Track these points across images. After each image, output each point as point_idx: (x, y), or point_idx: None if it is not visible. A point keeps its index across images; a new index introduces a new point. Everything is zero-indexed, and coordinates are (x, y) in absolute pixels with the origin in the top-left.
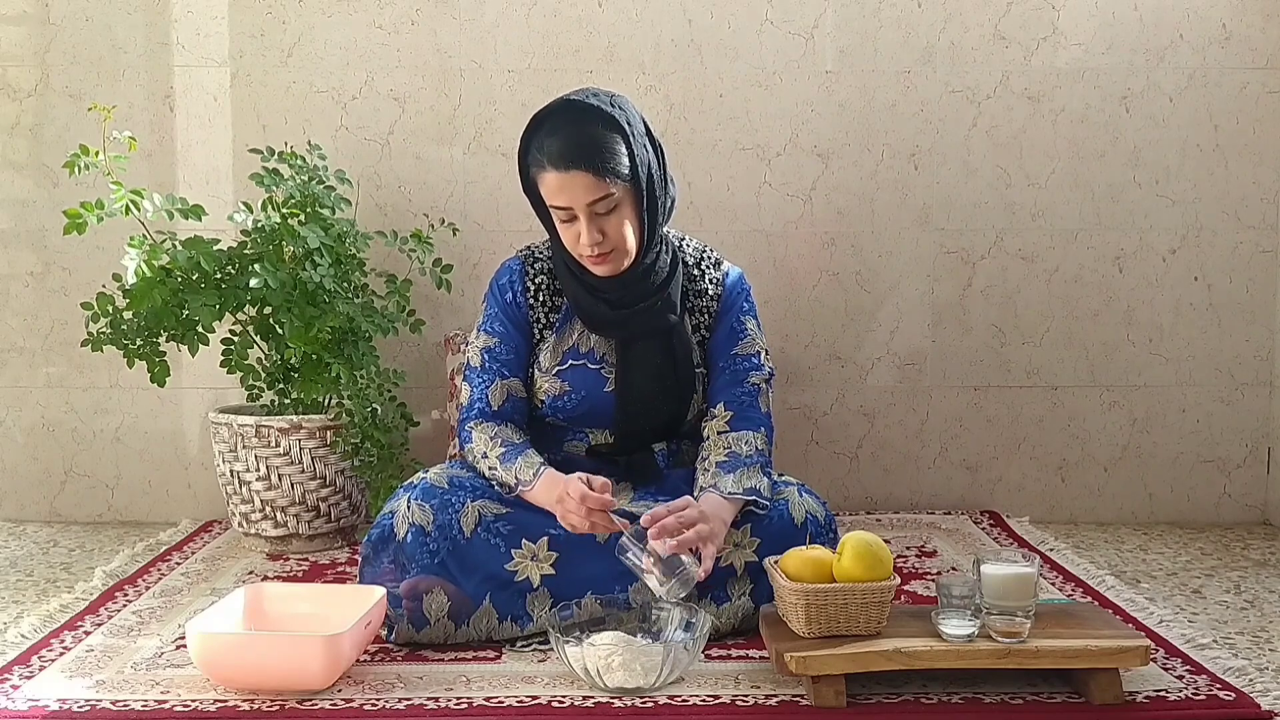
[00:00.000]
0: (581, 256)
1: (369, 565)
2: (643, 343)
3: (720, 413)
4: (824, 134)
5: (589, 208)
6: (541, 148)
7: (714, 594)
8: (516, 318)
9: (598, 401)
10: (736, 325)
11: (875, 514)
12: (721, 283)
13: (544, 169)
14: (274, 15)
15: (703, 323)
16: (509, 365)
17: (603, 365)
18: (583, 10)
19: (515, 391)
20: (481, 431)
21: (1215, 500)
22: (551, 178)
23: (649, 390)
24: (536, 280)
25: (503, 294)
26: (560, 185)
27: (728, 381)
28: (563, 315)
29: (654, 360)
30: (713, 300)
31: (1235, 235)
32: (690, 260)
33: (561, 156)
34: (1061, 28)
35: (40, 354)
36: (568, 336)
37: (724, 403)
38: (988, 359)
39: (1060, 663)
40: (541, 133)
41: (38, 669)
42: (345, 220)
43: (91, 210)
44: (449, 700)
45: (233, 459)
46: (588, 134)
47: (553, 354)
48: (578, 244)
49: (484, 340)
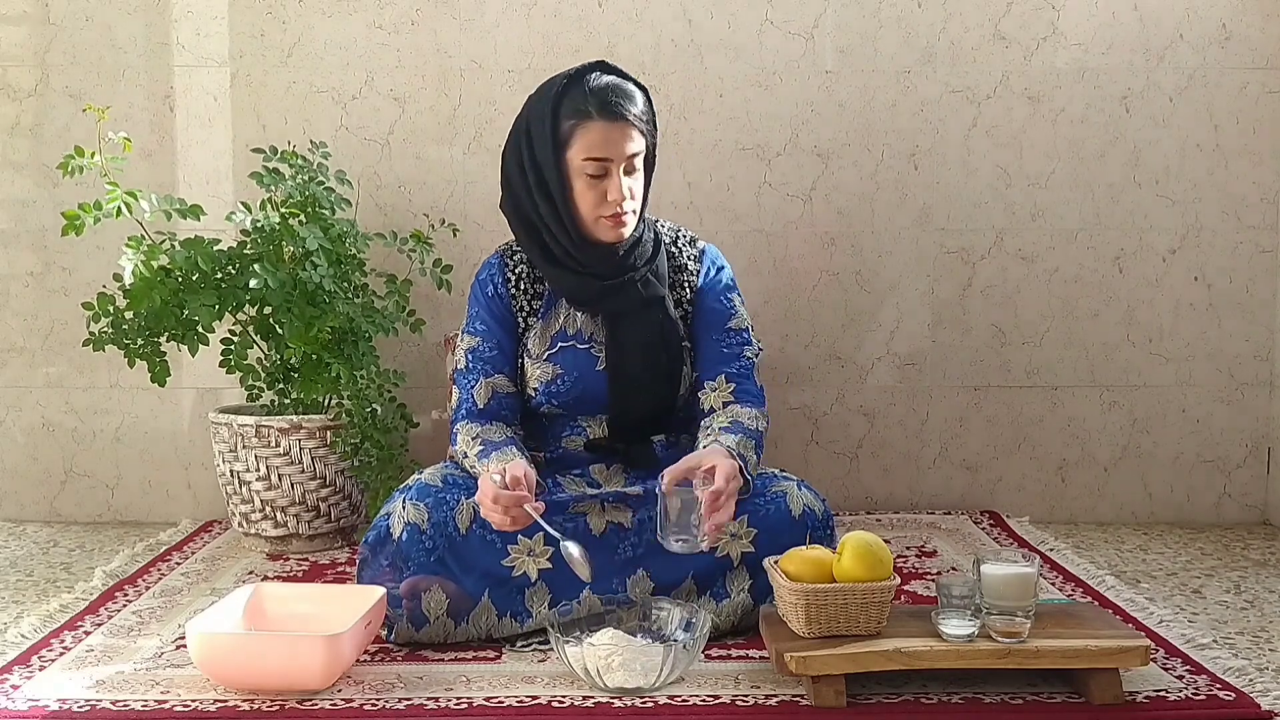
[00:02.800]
0: (599, 219)
1: (367, 567)
2: (631, 317)
3: (721, 384)
4: (824, 134)
5: (628, 161)
6: (586, 99)
7: (713, 590)
8: (499, 310)
9: (590, 382)
10: (724, 301)
11: (875, 514)
12: (699, 259)
13: (589, 119)
14: (274, 15)
15: (683, 298)
16: (493, 362)
17: (592, 344)
18: (583, 10)
19: (500, 388)
20: (465, 432)
21: (1215, 500)
22: (598, 127)
23: (640, 365)
24: (516, 270)
25: (483, 289)
26: (606, 136)
27: (723, 356)
28: (546, 301)
29: (643, 335)
30: (692, 275)
31: (1235, 235)
32: (667, 239)
33: (611, 106)
34: (1061, 28)
35: (40, 354)
36: (554, 320)
37: (724, 375)
38: (988, 359)
39: (1060, 663)
40: (582, 86)
41: (38, 669)
42: (345, 220)
43: (89, 211)
44: (449, 700)
45: (233, 459)
46: (630, 89)
47: (541, 339)
48: (602, 204)
49: (467, 341)
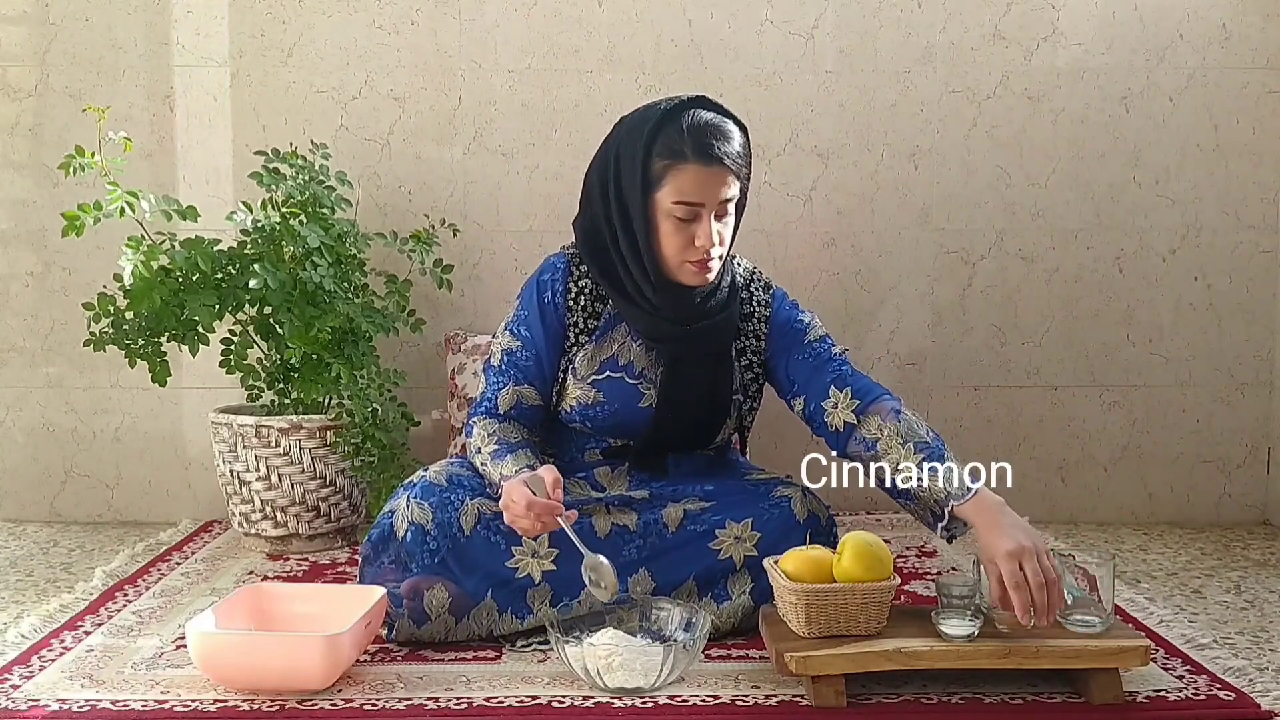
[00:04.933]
0: (684, 264)
1: (369, 565)
2: (692, 364)
3: (837, 396)
4: (824, 134)
5: (720, 206)
6: (683, 138)
7: (714, 592)
8: (551, 320)
9: (630, 416)
10: (797, 323)
11: (875, 514)
12: (770, 305)
13: (683, 160)
14: (274, 15)
15: (749, 346)
16: (526, 372)
17: (640, 380)
18: (583, 10)
19: (526, 399)
20: (482, 427)
21: (1215, 500)
22: (693, 170)
23: (690, 411)
24: (580, 283)
25: (540, 292)
26: (701, 180)
27: (818, 367)
28: (604, 323)
29: (701, 381)
30: (760, 323)
31: (1235, 235)
32: (740, 282)
33: (709, 150)
34: (1061, 28)
35: (40, 354)
36: (608, 345)
37: (832, 384)
38: (988, 359)
39: (1060, 663)
40: (678, 123)
41: (38, 669)
42: (345, 220)
43: (89, 211)
44: (449, 700)
45: (233, 459)
46: (729, 129)
47: (590, 361)
48: (688, 248)
49: (507, 340)
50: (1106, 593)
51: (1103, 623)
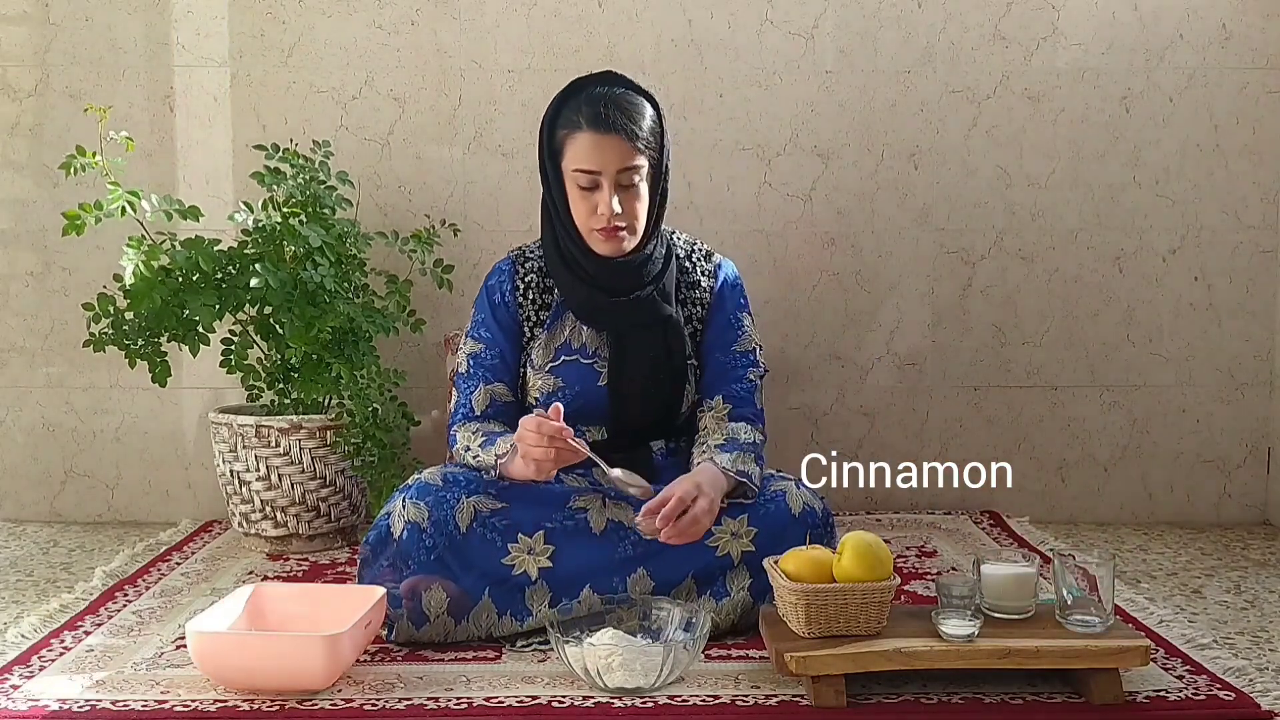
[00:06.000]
0: (593, 231)
1: (368, 567)
2: (636, 335)
3: (718, 405)
4: (824, 134)
5: (616, 175)
6: (579, 109)
7: (713, 589)
8: (504, 318)
9: (591, 396)
10: (733, 321)
11: (875, 514)
12: (714, 275)
13: (578, 129)
14: (274, 15)
15: (695, 314)
16: (493, 370)
17: (595, 360)
18: (583, 10)
19: (499, 396)
20: (464, 430)
21: (1215, 500)
22: (585, 139)
23: (641, 383)
24: (526, 279)
25: (491, 295)
26: (594, 147)
27: (725, 376)
28: (553, 312)
29: (647, 353)
30: (705, 292)
31: (1235, 235)
32: (682, 253)
33: (601, 119)
34: (1061, 28)
35: (40, 354)
36: (559, 333)
37: (722, 396)
38: (988, 359)
39: (1060, 663)
40: (580, 96)
41: (38, 669)
42: (346, 220)
43: (90, 211)
44: (449, 700)
45: (233, 459)
46: (628, 100)
47: (545, 351)
48: (593, 216)
49: (470, 346)
50: (1106, 593)
51: (1103, 623)
